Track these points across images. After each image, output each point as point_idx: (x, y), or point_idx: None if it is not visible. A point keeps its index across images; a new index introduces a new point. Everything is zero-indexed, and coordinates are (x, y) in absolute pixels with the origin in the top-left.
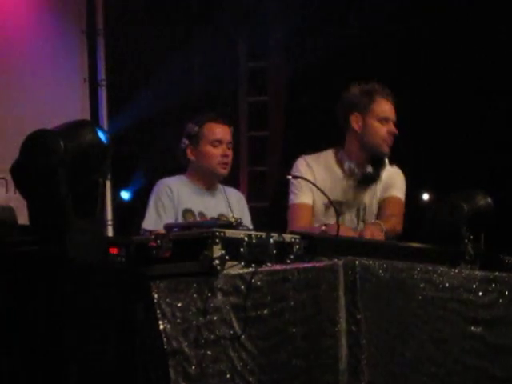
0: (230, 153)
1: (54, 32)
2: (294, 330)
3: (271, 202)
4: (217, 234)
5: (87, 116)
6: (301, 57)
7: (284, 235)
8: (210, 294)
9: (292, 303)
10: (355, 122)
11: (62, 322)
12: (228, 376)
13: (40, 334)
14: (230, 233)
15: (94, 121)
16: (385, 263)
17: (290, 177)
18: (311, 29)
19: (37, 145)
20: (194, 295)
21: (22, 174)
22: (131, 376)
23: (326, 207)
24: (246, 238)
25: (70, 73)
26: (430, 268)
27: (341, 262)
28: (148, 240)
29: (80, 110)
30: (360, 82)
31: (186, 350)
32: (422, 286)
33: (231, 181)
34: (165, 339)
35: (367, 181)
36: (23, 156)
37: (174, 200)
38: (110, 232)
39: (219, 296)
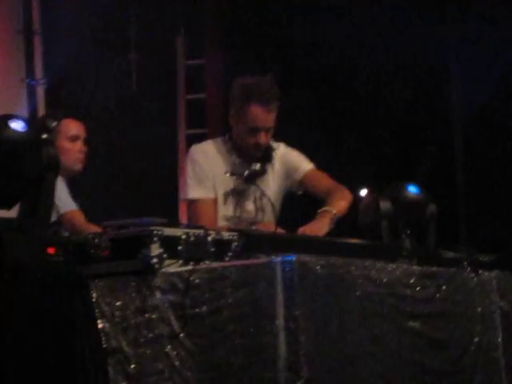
0: (85, 148)
1: None
2: (232, 327)
3: None
4: (155, 232)
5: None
6: (238, 52)
7: (222, 232)
8: (148, 293)
9: (230, 301)
10: (231, 119)
11: (0, 322)
12: (167, 374)
13: None
14: (167, 231)
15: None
16: (322, 259)
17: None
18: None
19: None
20: (133, 294)
21: None
22: (70, 376)
23: (225, 197)
24: (183, 236)
25: (7, 73)
26: (367, 264)
27: (278, 259)
28: (86, 239)
29: (18, 110)
30: (252, 74)
31: (126, 348)
32: (359, 281)
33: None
34: (104, 338)
35: (254, 177)
36: None
37: None
38: None
39: (158, 294)
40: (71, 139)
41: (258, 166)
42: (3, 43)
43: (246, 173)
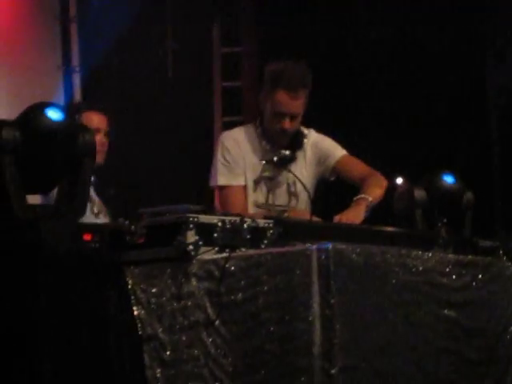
0: (106, 141)
1: (26, 19)
2: (267, 314)
3: None
4: (190, 219)
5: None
6: (274, 40)
7: (258, 220)
8: (184, 280)
9: (266, 288)
10: (261, 104)
11: (36, 309)
12: (202, 361)
13: (14, 320)
14: (203, 218)
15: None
16: (358, 247)
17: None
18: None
19: None
20: (168, 281)
21: None
22: (106, 362)
23: (256, 183)
24: (219, 224)
25: (43, 60)
26: (403, 252)
27: (314, 247)
28: (122, 226)
29: (54, 97)
30: (285, 58)
31: (161, 335)
32: (395, 269)
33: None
34: (139, 325)
35: (284, 162)
36: None
37: None
38: None
39: (193, 281)
40: None
41: (288, 152)
42: (40, 30)
43: (276, 158)
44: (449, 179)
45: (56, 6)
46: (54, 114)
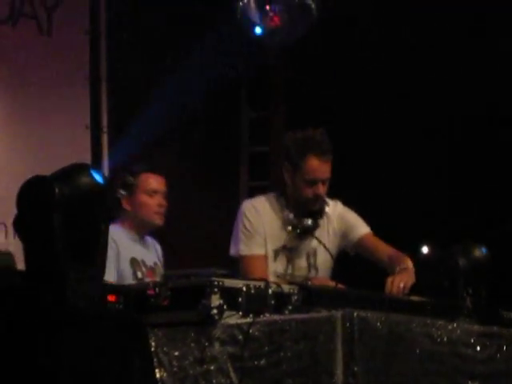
0: (165, 203)
1: (56, 77)
2: (290, 381)
3: None
4: (215, 283)
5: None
6: (302, 106)
7: (283, 286)
8: (207, 344)
9: (289, 354)
10: (286, 173)
11: (59, 371)
12: None
13: (37, 382)
14: (228, 282)
15: (91, 164)
16: (383, 316)
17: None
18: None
19: (31, 191)
20: (192, 344)
21: (19, 221)
22: None
23: (276, 253)
24: (244, 288)
25: (71, 120)
26: (428, 321)
27: (339, 314)
28: (146, 288)
29: (82, 156)
30: (304, 128)
31: None
32: (419, 339)
33: None
34: None
35: (307, 231)
36: (18, 203)
37: (115, 249)
38: None
39: (216, 345)
40: (149, 193)
41: (310, 221)
42: (69, 88)
43: (299, 230)
44: (482, 250)
45: (86, 64)
46: (97, 177)
